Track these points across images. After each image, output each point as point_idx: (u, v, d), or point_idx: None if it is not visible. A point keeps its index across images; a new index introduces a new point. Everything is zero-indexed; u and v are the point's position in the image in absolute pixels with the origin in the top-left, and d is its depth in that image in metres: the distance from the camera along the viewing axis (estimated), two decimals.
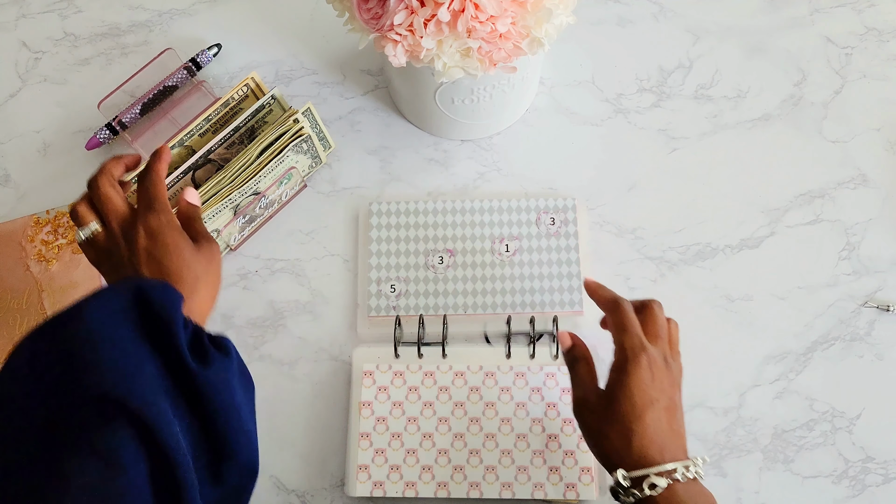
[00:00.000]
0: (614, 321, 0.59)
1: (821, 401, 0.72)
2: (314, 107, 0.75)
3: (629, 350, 0.57)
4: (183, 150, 0.75)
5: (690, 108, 0.83)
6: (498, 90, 0.73)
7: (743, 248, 0.78)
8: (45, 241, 0.77)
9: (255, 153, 0.72)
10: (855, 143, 0.81)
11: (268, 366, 0.75)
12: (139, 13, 0.89)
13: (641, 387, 0.55)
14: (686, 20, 0.87)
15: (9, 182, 0.83)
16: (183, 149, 0.75)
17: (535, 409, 0.71)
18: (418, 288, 0.76)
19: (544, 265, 0.76)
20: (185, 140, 0.74)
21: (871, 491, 0.69)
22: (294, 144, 0.73)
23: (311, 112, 0.74)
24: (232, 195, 0.71)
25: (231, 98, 0.75)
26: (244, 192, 0.72)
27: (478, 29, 0.59)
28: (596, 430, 0.57)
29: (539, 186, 0.80)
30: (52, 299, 0.75)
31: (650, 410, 0.55)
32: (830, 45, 0.85)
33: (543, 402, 0.71)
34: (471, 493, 0.68)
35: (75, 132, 0.84)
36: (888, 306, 0.74)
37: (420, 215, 0.78)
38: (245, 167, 0.72)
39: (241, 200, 0.73)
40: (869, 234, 0.77)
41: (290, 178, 0.75)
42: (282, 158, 0.73)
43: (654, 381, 0.56)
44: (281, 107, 0.77)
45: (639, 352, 0.56)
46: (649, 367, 0.56)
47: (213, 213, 0.71)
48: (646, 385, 0.55)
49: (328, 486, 0.71)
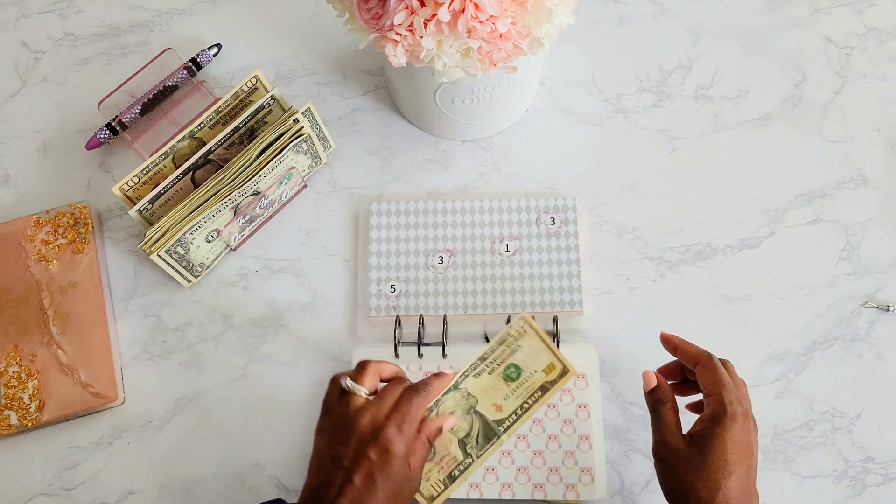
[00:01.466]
0: (710, 375, 0.59)
1: (821, 401, 0.72)
2: (314, 107, 0.75)
3: (728, 405, 0.57)
4: (193, 141, 0.75)
5: (690, 108, 0.83)
6: (498, 90, 0.73)
7: (743, 248, 0.78)
8: (45, 241, 0.77)
9: (254, 153, 0.72)
10: (855, 143, 0.81)
11: (268, 366, 0.75)
12: (139, 13, 0.89)
13: (736, 445, 0.56)
14: (686, 20, 0.87)
15: (9, 182, 0.83)
16: (193, 140, 0.75)
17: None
18: (418, 288, 0.76)
19: (544, 265, 0.76)
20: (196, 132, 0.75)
21: (871, 491, 0.69)
22: (294, 144, 0.73)
23: (312, 112, 0.75)
24: (232, 195, 0.71)
25: (240, 90, 0.75)
26: (244, 192, 0.72)
27: (478, 29, 0.59)
28: (679, 476, 0.57)
29: (539, 186, 0.80)
30: (52, 299, 0.75)
31: (739, 469, 0.56)
32: (830, 45, 0.85)
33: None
34: (471, 493, 0.68)
35: (75, 132, 0.84)
36: (888, 306, 0.74)
37: (420, 215, 0.78)
38: (245, 167, 0.72)
39: (241, 200, 0.73)
40: (869, 235, 0.77)
41: (290, 178, 0.76)
42: (282, 158, 0.73)
43: (747, 440, 0.57)
44: (281, 107, 0.77)
45: (737, 409, 0.57)
46: (744, 427, 0.57)
47: (213, 213, 0.71)
48: (740, 444, 0.56)
49: None
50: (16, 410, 0.72)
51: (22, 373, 0.73)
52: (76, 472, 0.72)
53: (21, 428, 0.71)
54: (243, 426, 0.73)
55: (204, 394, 0.74)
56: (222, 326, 0.76)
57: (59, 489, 0.72)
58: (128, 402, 0.74)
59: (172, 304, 0.77)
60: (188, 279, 0.75)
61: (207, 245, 0.74)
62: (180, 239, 0.70)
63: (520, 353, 0.61)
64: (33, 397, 0.72)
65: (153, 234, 0.71)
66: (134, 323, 0.77)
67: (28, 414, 0.71)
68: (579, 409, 0.70)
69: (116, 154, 0.83)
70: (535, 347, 0.61)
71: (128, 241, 0.80)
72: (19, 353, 0.73)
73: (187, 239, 0.71)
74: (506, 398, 0.62)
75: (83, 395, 0.72)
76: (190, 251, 0.73)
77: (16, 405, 0.72)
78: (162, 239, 0.70)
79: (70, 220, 0.78)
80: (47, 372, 0.73)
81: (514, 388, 0.62)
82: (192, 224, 0.70)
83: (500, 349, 0.62)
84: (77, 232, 0.77)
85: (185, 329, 0.76)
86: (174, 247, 0.71)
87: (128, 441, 0.73)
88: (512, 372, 0.62)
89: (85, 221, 0.78)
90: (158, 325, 0.76)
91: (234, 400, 0.74)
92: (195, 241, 0.72)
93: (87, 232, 0.77)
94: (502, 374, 0.62)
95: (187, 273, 0.74)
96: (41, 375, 0.73)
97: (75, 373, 0.73)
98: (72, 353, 0.73)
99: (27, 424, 0.71)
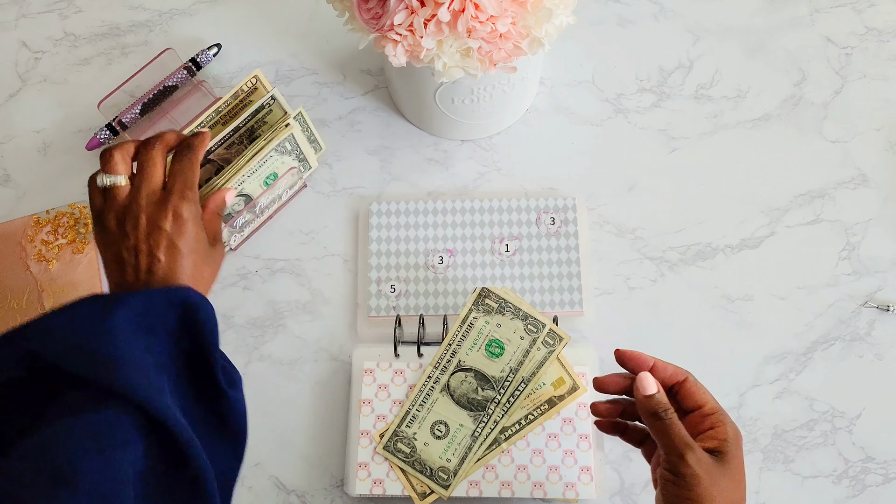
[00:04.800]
0: (704, 392, 0.55)
1: (821, 401, 0.72)
2: (305, 111, 0.75)
3: (732, 424, 0.54)
4: None
5: (690, 108, 0.83)
6: (498, 90, 0.73)
7: (743, 248, 0.78)
8: (45, 241, 0.77)
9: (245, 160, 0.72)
10: (855, 143, 0.81)
11: (268, 366, 0.75)
12: (139, 13, 0.89)
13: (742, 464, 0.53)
14: (686, 20, 0.87)
15: (9, 182, 0.83)
16: None
17: None
18: (418, 288, 0.76)
19: (544, 265, 0.76)
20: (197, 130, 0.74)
21: (871, 491, 0.69)
22: (278, 144, 0.72)
23: (303, 116, 0.75)
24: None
25: (240, 90, 0.75)
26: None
27: (478, 29, 0.59)
28: (701, 495, 0.51)
29: (539, 186, 0.80)
30: (52, 299, 0.75)
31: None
32: (830, 45, 0.85)
33: None
34: (470, 491, 0.68)
35: (75, 132, 0.84)
36: (888, 306, 0.74)
37: (420, 215, 0.78)
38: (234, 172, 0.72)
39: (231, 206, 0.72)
40: (869, 234, 0.77)
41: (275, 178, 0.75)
42: (264, 159, 0.72)
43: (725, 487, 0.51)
44: (281, 107, 0.77)
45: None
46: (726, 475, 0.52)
47: None
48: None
49: (328, 486, 0.71)
50: None
51: None
52: None
53: None
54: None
55: None
56: (222, 326, 0.76)
57: None
58: None
59: None
60: None
61: None
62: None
63: (501, 328, 0.60)
64: None
65: None
66: None
67: None
68: (579, 408, 0.70)
69: None
70: (538, 355, 0.60)
71: None
72: None
73: None
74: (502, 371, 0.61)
75: None
76: None
77: None
78: None
79: (70, 220, 0.78)
80: None
81: (505, 366, 0.61)
82: None
83: (473, 332, 0.60)
84: (77, 232, 0.77)
85: None
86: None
87: None
88: (495, 348, 0.61)
89: (85, 221, 0.78)
90: None
91: None
92: None
93: (87, 232, 0.77)
94: (486, 354, 0.61)
95: None
96: None
97: None
98: None
99: None
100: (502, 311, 0.59)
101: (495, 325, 0.59)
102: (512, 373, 0.61)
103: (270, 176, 0.75)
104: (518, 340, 0.60)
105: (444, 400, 0.60)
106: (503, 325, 0.59)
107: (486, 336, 0.60)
